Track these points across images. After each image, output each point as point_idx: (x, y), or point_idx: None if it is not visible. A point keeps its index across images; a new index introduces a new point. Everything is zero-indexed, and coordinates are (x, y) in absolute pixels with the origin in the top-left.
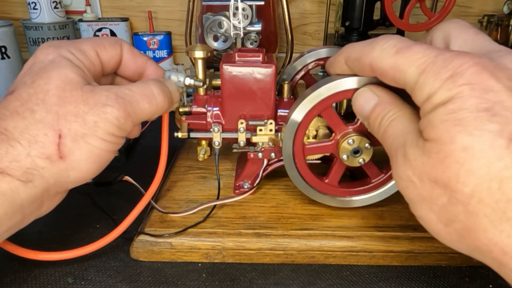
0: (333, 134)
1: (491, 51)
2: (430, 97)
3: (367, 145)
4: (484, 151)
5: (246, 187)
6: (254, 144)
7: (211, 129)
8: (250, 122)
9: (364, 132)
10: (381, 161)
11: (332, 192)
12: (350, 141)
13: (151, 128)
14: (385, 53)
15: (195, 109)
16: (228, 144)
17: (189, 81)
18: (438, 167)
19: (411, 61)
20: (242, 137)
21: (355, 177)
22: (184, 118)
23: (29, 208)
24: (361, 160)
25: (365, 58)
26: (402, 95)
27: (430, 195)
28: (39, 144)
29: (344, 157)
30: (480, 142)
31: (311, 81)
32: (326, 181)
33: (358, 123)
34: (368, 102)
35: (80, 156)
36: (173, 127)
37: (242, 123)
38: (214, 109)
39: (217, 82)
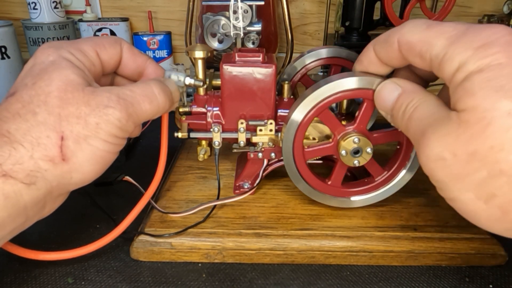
0: (333, 136)
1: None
2: (461, 66)
3: (368, 149)
4: None
5: (246, 187)
6: (254, 144)
7: (211, 129)
8: (250, 122)
9: (364, 133)
10: (382, 160)
11: (332, 192)
12: (356, 139)
13: (151, 128)
14: (415, 28)
15: (195, 109)
16: (228, 144)
17: (189, 80)
18: (478, 137)
19: (441, 34)
20: (242, 137)
21: (356, 177)
22: (184, 118)
23: (32, 210)
24: (356, 161)
25: (393, 36)
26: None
27: (466, 170)
28: (42, 147)
29: (343, 152)
30: None
31: (309, 83)
32: (329, 182)
33: (357, 123)
34: (391, 93)
35: (82, 158)
36: (173, 127)
37: (242, 123)
38: (214, 109)
39: (217, 82)
